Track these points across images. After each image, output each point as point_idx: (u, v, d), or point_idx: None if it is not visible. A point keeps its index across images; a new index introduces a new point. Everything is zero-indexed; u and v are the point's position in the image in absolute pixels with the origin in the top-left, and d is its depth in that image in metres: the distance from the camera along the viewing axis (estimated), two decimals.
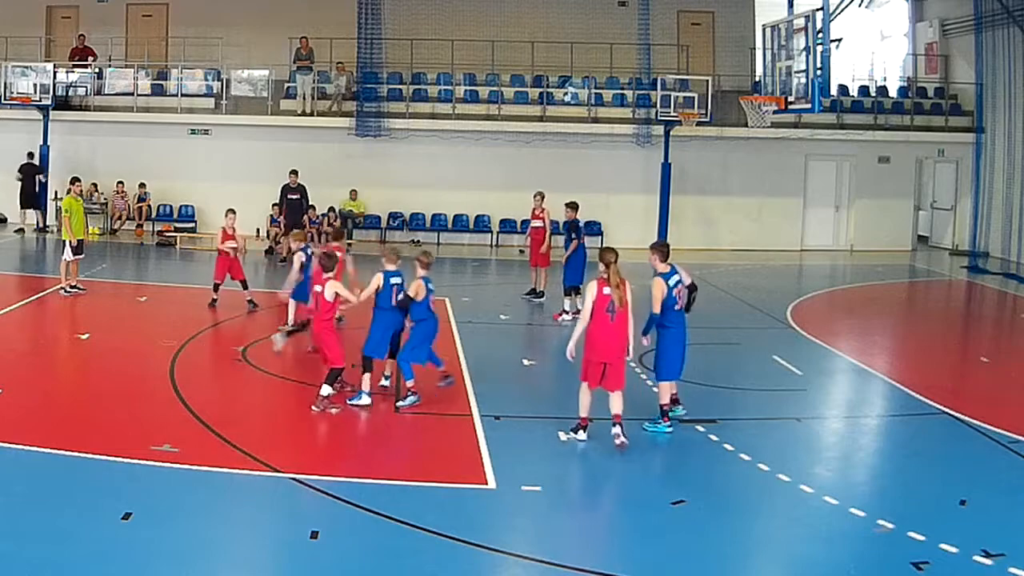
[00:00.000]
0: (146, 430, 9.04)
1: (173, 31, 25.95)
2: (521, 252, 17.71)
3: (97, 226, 23.35)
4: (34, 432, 8.84)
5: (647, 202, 24.52)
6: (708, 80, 23.95)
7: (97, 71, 24.83)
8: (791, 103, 15.79)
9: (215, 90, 25.02)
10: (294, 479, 8.05)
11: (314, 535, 7.01)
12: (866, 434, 10.39)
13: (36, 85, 23.11)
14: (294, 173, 21.26)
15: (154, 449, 8.46)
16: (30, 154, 23.64)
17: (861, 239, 25.80)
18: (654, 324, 9.73)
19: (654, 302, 9.55)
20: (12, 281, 17.54)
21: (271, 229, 22.63)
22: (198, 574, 6.45)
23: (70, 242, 15.59)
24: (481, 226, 25.05)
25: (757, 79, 21.05)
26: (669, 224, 24.24)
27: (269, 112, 24.44)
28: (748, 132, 21.91)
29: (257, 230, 23.29)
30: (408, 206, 24.97)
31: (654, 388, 10.29)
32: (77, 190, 16.52)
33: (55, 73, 23.47)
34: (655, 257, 9.72)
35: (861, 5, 29.80)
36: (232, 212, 15.30)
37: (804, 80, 15.16)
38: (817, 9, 14.77)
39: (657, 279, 9.64)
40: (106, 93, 24.82)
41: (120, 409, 9.81)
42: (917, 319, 18.17)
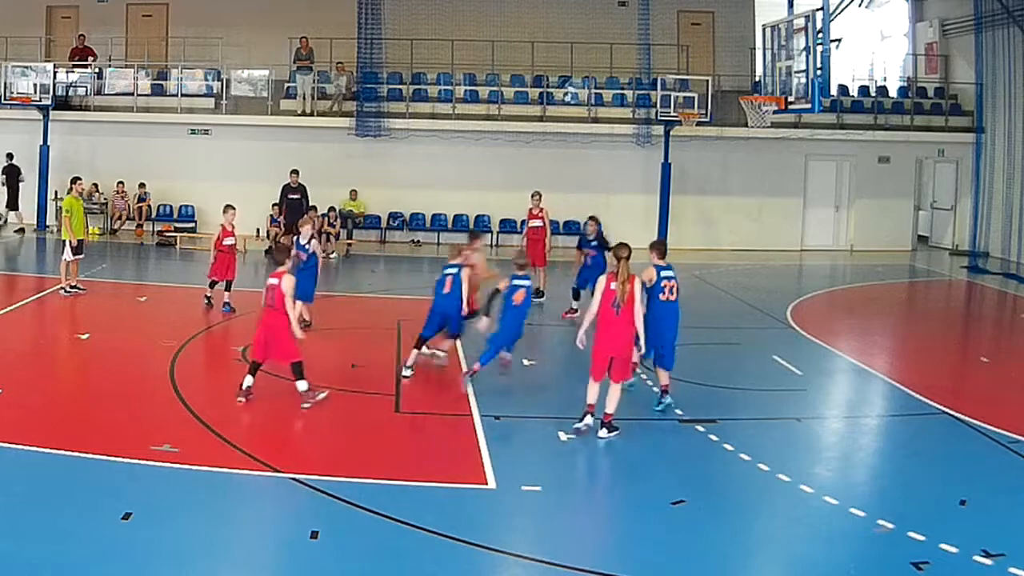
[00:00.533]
0: (146, 430, 9.05)
1: (173, 31, 25.95)
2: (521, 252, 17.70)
3: (97, 226, 23.35)
4: (34, 432, 8.84)
5: (647, 202, 24.52)
6: (708, 80, 23.96)
7: (97, 71, 24.83)
8: (791, 103, 15.79)
9: (215, 90, 25.02)
10: (294, 479, 8.05)
11: (314, 535, 7.01)
12: (866, 434, 10.39)
13: (36, 85, 23.11)
14: (295, 173, 21.27)
15: (154, 449, 8.46)
16: (9, 155, 23.62)
17: (861, 239, 25.80)
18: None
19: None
20: (12, 281, 17.53)
21: (271, 229, 22.62)
22: (198, 574, 6.45)
23: (70, 242, 15.59)
24: (481, 226, 25.02)
25: (757, 79, 21.05)
26: (669, 224, 24.25)
27: (269, 112, 24.44)
28: (748, 132, 21.91)
29: (257, 230, 23.29)
30: (408, 206, 24.97)
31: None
32: (79, 189, 16.51)
33: (55, 73, 23.46)
34: (653, 255, 10.42)
35: (861, 5, 29.80)
36: (231, 208, 15.14)
37: (804, 80, 15.17)
38: (817, 9, 14.77)
39: (650, 267, 10.31)
40: (106, 93, 24.81)
41: (120, 409, 9.82)
42: (917, 319, 18.17)
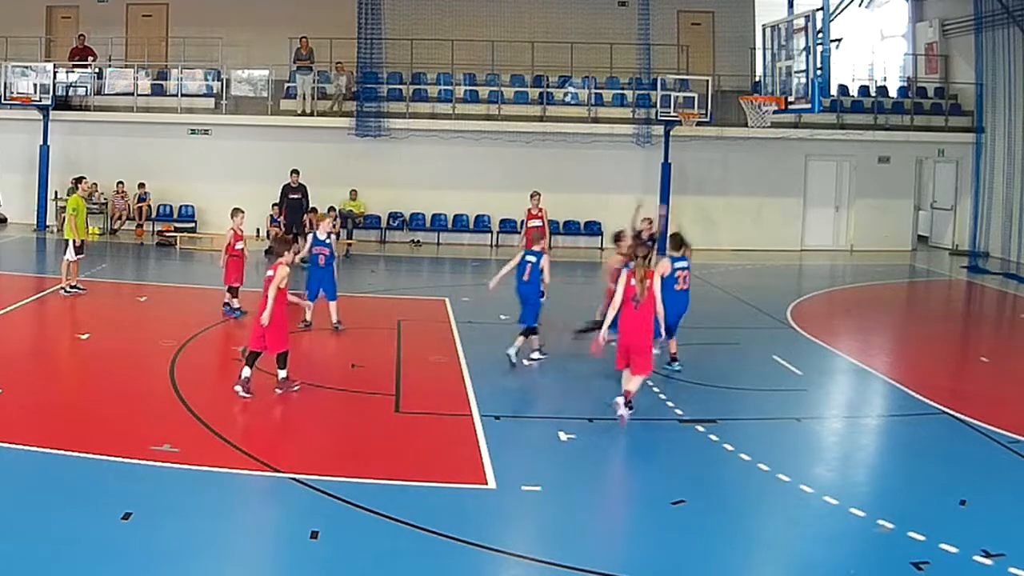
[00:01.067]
0: (146, 430, 9.04)
1: (173, 31, 25.95)
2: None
3: (97, 226, 23.35)
4: (34, 432, 8.84)
5: (647, 202, 24.46)
6: (708, 80, 23.96)
7: (97, 71, 24.84)
8: (791, 103, 15.79)
9: (215, 90, 25.03)
10: (294, 479, 8.05)
11: (314, 535, 7.01)
12: (866, 434, 10.39)
13: (36, 85, 23.12)
14: (295, 173, 21.26)
15: (154, 449, 8.46)
16: None
17: (861, 239, 25.81)
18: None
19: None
20: (12, 281, 17.53)
21: (271, 229, 22.61)
22: (198, 574, 6.45)
23: (74, 241, 15.62)
24: (481, 226, 25.06)
25: (757, 79, 21.05)
26: (669, 224, 24.20)
27: (269, 112, 24.45)
28: (748, 132, 21.90)
29: (257, 230, 23.28)
30: (408, 206, 24.97)
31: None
32: (84, 188, 16.56)
33: (55, 73, 23.48)
34: (669, 246, 11.91)
35: (861, 5, 29.81)
36: (240, 212, 14.99)
37: (804, 80, 15.16)
38: (817, 9, 14.76)
39: (664, 259, 11.64)
40: (106, 93, 24.82)
41: (120, 409, 9.82)
42: (917, 319, 18.16)
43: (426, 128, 24.44)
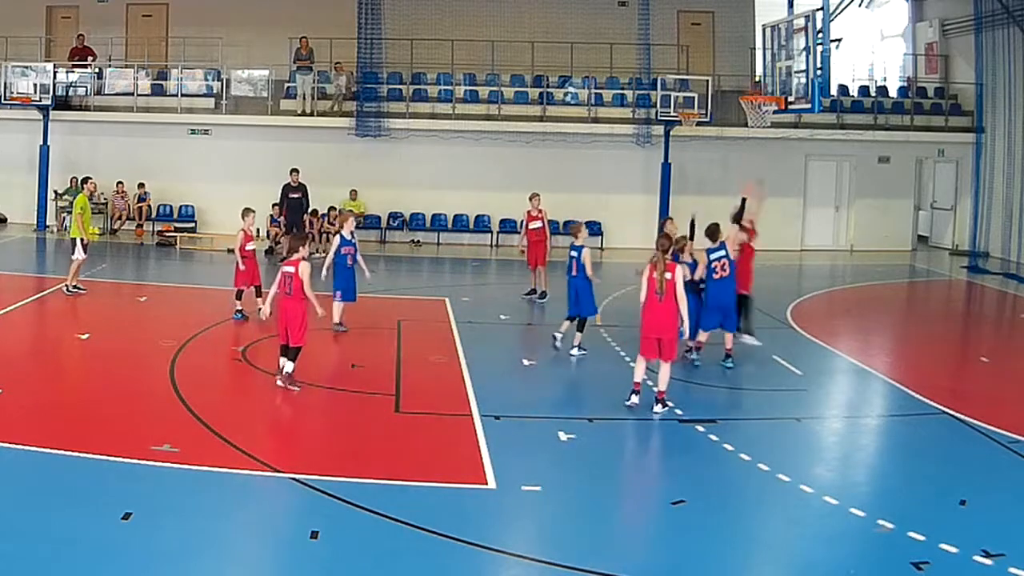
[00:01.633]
0: (146, 430, 9.04)
1: (173, 31, 25.94)
2: (522, 252, 17.74)
3: (97, 226, 23.31)
4: (34, 432, 8.84)
5: (647, 202, 24.51)
6: (708, 80, 23.95)
7: (97, 71, 24.84)
8: (791, 103, 15.78)
9: (215, 90, 25.02)
10: (294, 479, 8.05)
11: (314, 535, 7.01)
12: (866, 434, 10.39)
13: (36, 85, 23.11)
14: (295, 172, 21.26)
15: (154, 449, 8.46)
16: None
17: (861, 239, 25.80)
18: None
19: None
20: (12, 281, 17.53)
21: (271, 229, 22.62)
22: (198, 574, 6.45)
23: (82, 240, 15.68)
24: (481, 226, 25.06)
25: (757, 79, 21.04)
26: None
27: (269, 112, 24.43)
28: (748, 132, 21.88)
29: (257, 230, 23.15)
30: (408, 206, 24.97)
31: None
32: (90, 188, 16.64)
33: (55, 73, 23.46)
34: (707, 239, 12.49)
35: (861, 5, 29.82)
36: (251, 211, 14.73)
37: (804, 80, 15.15)
38: (817, 9, 14.74)
39: (701, 253, 12.29)
40: (106, 93, 24.81)
41: (120, 409, 9.81)
42: (917, 319, 18.16)
43: (426, 128, 24.43)
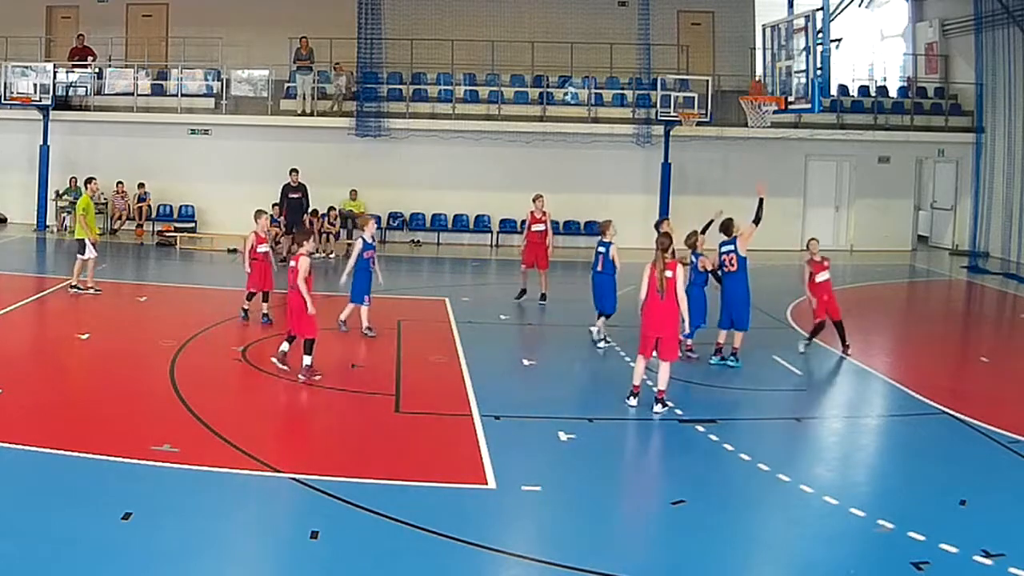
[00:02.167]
0: (146, 430, 9.04)
1: (173, 31, 25.94)
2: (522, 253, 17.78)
3: (97, 226, 23.30)
4: (34, 432, 8.84)
5: (647, 202, 24.49)
6: (708, 80, 23.95)
7: (97, 71, 24.83)
8: (791, 103, 15.79)
9: (215, 90, 25.01)
10: (294, 479, 8.05)
11: (314, 535, 7.01)
12: (866, 434, 10.39)
13: (36, 85, 23.11)
14: (295, 172, 21.25)
15: (154, 449, 8.46)
16: None
17: (861, 239, 25.79)
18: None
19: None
20: (12, 281, 17.53)
21: (271, 229, 22.56)
22: (198, 574, 6.45)
23: (91, 240, 15.78)
24: (481, 226, 25.05)
25: (757, 79, 21.03)
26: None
27: (269, 112, 24.43)
28: (748, 132, 21.88)
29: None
30: (408, 206, 24.97)
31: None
32: (93, 189, 16.74)
33: (55, 73, 23.46)
34: (721, 231, 12.97)
35: (861, 5, 29.80)
36: (264, 213, 14.65)
37: (804, 80, 15.16)
38: (817, 9, 14.75)
39: (713, 252, 12.59)
40: (106, 93, 24.80)
41: (120, 409, 9.81)
42: (917, 319, 18.16)
43: (426, 128, 24.43)
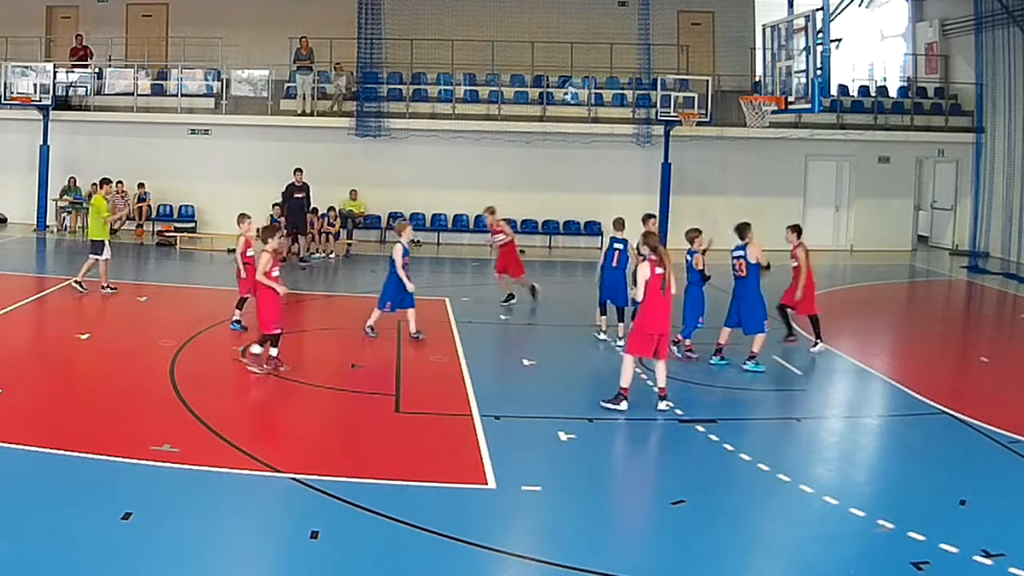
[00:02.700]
0: (146, 430, 9.04)
1: (173, 31, 25.96)
2: (522, 252, 17.73)
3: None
4: (34, 432, 8.83)
5: (647, 202, 24.35)
6: (708, 80, 23.96)
7: (97, 71, 24.84)
8: (791, 103, 15.79)
9: (215, 90, 25.03)
10: (294, 479, 8.05)
11: (314, 535, 7.00)
12: (866, 434, 10.38)
13: (36, 85, 23.12)
14: (299, 171, 21.23)
15: (154, 449, 8.46)
16: None
17: (861, 239, 25.81)
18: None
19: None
20: (12, 281, 17.53)
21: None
22: (198, 574, 6.44)
23: (106, 240, 15.81)
24: (481, 226, 24.97)
25: (757, 79, 21.05)
26: (669, 224, 24.23)
27: (269, 112, 24.45)
28: (748, 132, 21.89)
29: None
30: (408, 206, 24.96)
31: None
32: (108, 190, 16.77)
33: (55, 73, 23.47)
34: (736, 233, 12.67)
35: (861, 5, 29.81)
36: (247, 217, 14.57)
37: (804, 80, 15.16)
38: (817, 9, 14.76)
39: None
40: (106, 93, 24.83)
41: (120, 409, 9.81)
42: (917, 319, 18.15)
43: (426, 128, 24.44)
